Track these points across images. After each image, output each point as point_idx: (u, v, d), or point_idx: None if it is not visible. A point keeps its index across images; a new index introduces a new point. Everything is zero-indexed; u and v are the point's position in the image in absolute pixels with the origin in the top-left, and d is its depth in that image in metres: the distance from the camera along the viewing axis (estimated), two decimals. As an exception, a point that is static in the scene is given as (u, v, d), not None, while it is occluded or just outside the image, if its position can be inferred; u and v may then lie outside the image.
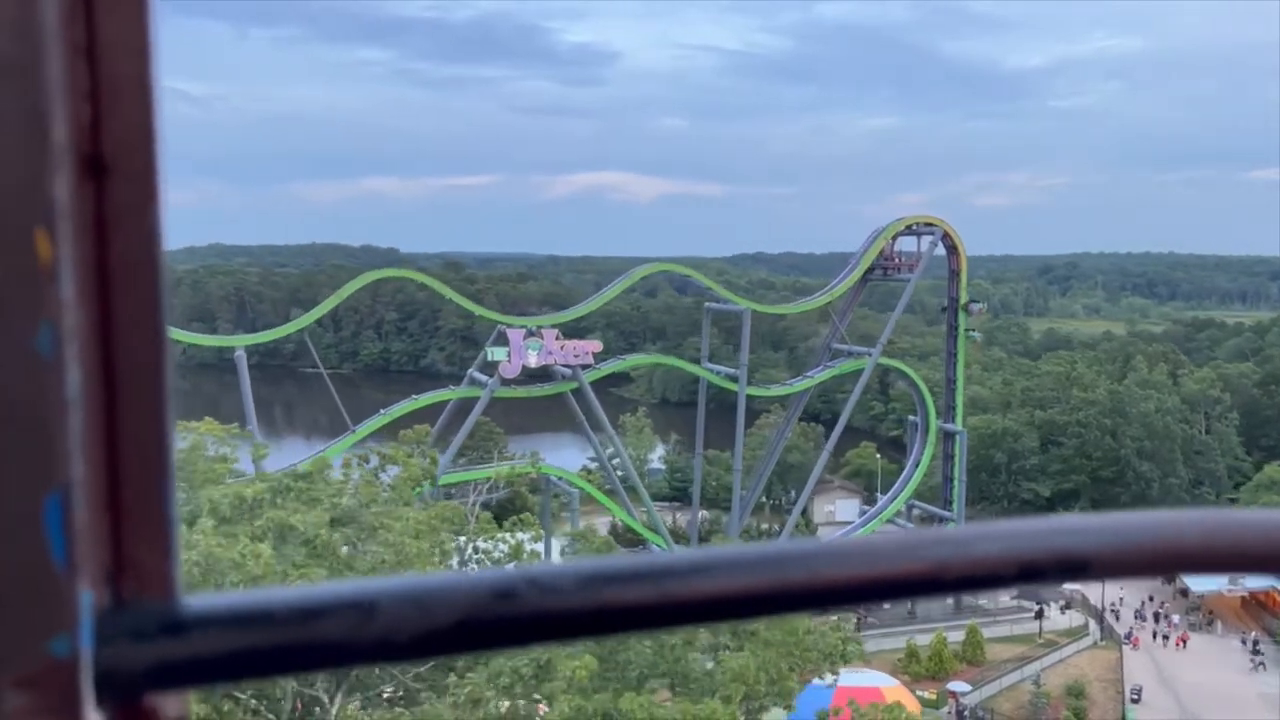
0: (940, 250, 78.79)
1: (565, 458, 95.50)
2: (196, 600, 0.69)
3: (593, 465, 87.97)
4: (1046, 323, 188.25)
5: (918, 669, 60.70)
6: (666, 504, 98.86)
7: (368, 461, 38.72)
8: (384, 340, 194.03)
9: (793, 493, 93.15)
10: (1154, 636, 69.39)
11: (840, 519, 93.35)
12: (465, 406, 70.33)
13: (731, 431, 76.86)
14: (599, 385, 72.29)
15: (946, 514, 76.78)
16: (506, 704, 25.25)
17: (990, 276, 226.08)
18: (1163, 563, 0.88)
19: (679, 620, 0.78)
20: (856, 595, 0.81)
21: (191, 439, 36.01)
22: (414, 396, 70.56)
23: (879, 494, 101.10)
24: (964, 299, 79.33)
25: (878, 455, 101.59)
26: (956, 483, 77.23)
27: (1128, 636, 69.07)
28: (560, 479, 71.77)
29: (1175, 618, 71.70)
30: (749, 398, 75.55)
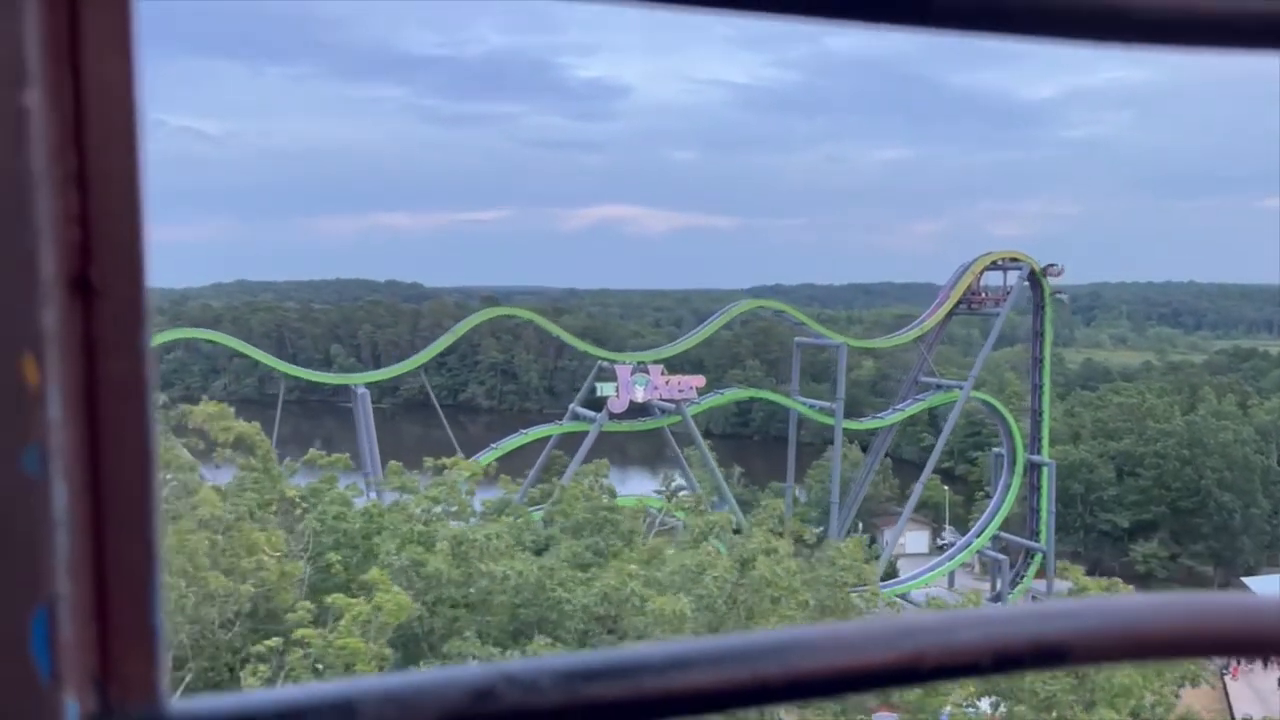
0: (1023, 283, 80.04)
1: (632, 489, 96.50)
2: (180, 704, 0.70)
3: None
4: (1080, 353, 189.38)
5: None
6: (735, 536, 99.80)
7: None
8: (423, 375, 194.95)
9: (860, 525, 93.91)
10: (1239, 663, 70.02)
11: (911, 551, 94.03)
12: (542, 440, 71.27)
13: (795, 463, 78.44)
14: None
15: (1035, 545, 77.58)
16: None
17: (1014, 308, 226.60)
18: (1144, 649, 0.87)
19: (655, 714, 0.78)
20: (832, 687, 0.81)
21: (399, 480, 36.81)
22: (522, 431, 71.49)
23: (947, 525, 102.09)
24: (1049, 334, 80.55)
25: (945, 487, 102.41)
26: (1045, 514, 78.06)
27: (1226, 667, 69.59)
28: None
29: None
30: (810, 428, 76.76)
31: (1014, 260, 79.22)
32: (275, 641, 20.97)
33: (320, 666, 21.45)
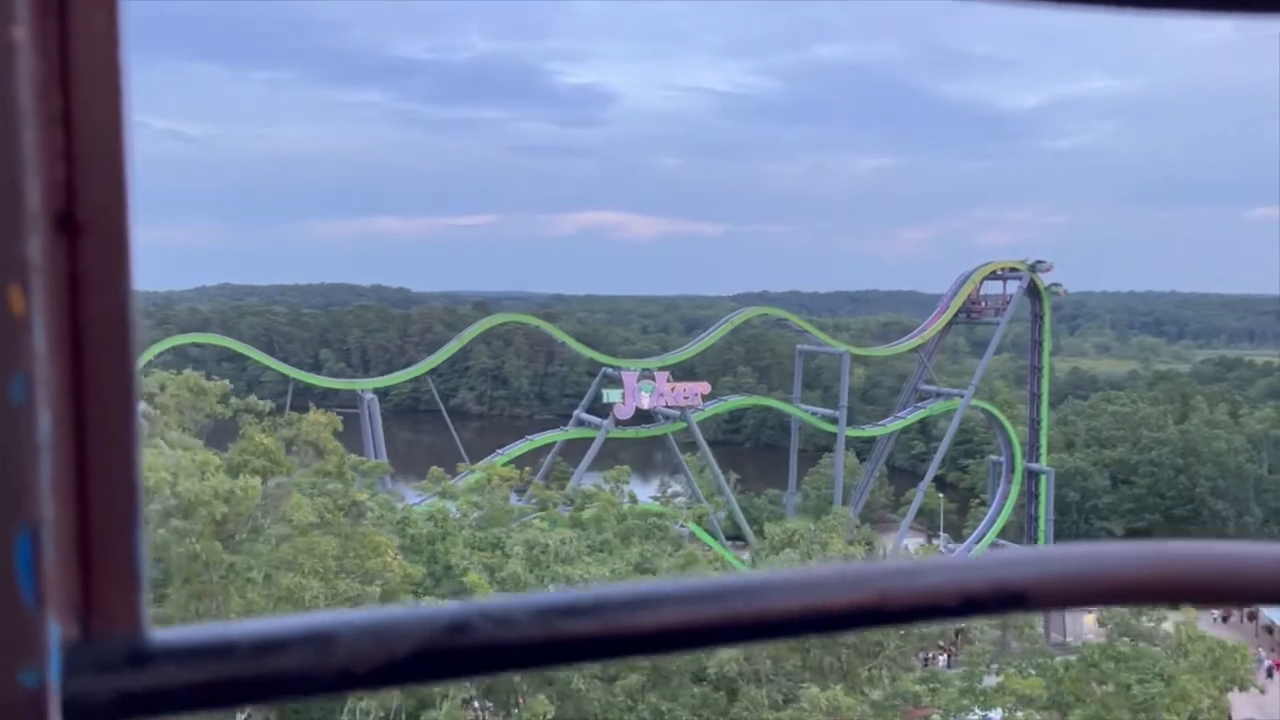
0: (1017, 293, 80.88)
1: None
2: (161, 633, 0.72)
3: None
4: (1066, 362, 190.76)
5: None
6: (731, 543, 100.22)
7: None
8: (430, 381, 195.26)
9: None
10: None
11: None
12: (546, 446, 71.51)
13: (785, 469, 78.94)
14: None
15: (1033, 552, 78.28)
16: None
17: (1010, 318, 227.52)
18: (1101, 595, 0.90)
19: (627, 652, 0.81)
20: (800, 627, 0.83)
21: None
22: (529, 438, 71.83)
23: (942, 533, 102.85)
24: (1048, 343, 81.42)
25: (940, 495, 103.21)
26: (1043, 521, 78.93)
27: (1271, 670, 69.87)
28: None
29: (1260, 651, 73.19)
30: (804, 434, 77.26)
31: (1013, 270, 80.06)
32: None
33: None
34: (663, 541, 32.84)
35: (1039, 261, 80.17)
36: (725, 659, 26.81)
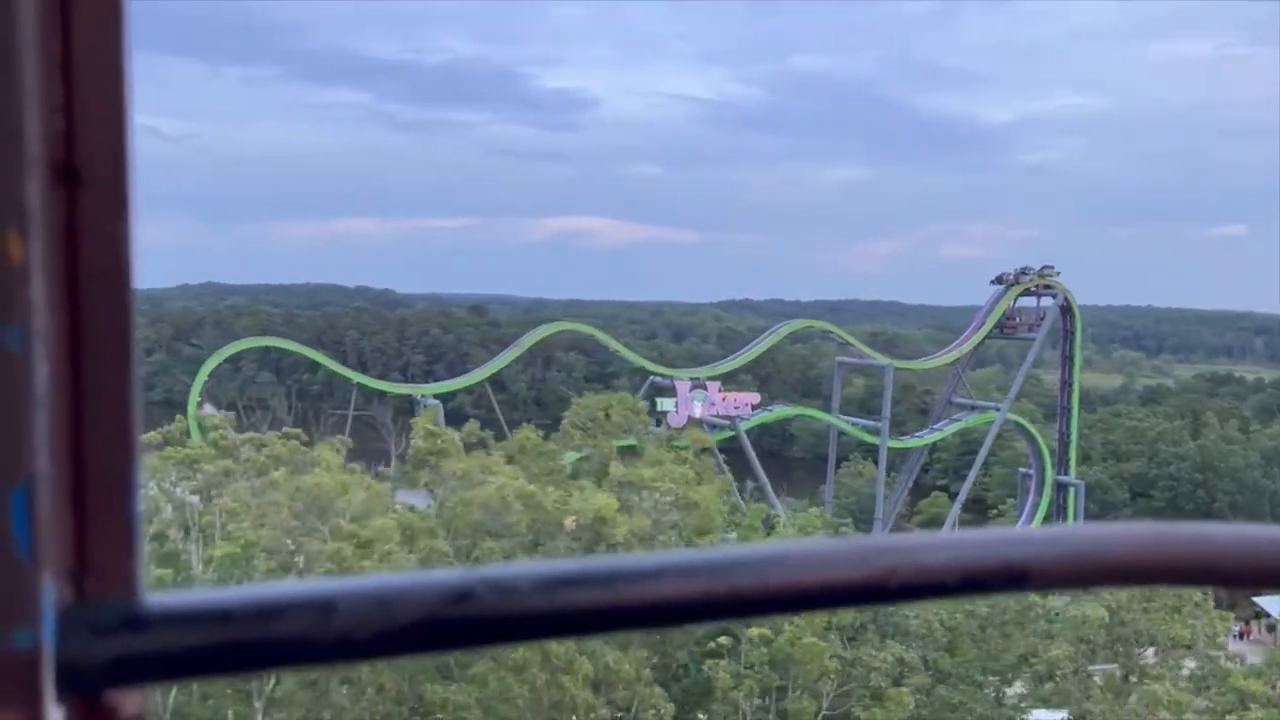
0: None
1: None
2: (158, 598, 0.72)
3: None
4: (1050, 374, 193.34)
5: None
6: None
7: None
8: (411, 382, 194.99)
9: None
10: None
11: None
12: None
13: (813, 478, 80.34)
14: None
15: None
16: None
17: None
18: (1103, 575, 0.92)
19: (631, 624, 0.82)
20: (805, 602, 0.84)
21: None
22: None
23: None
24: (1079, 358, 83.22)
25: (953, 505, 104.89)
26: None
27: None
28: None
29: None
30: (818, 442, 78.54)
31: (1047, 287, 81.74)
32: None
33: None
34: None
35: (1046, 267, 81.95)
36: None
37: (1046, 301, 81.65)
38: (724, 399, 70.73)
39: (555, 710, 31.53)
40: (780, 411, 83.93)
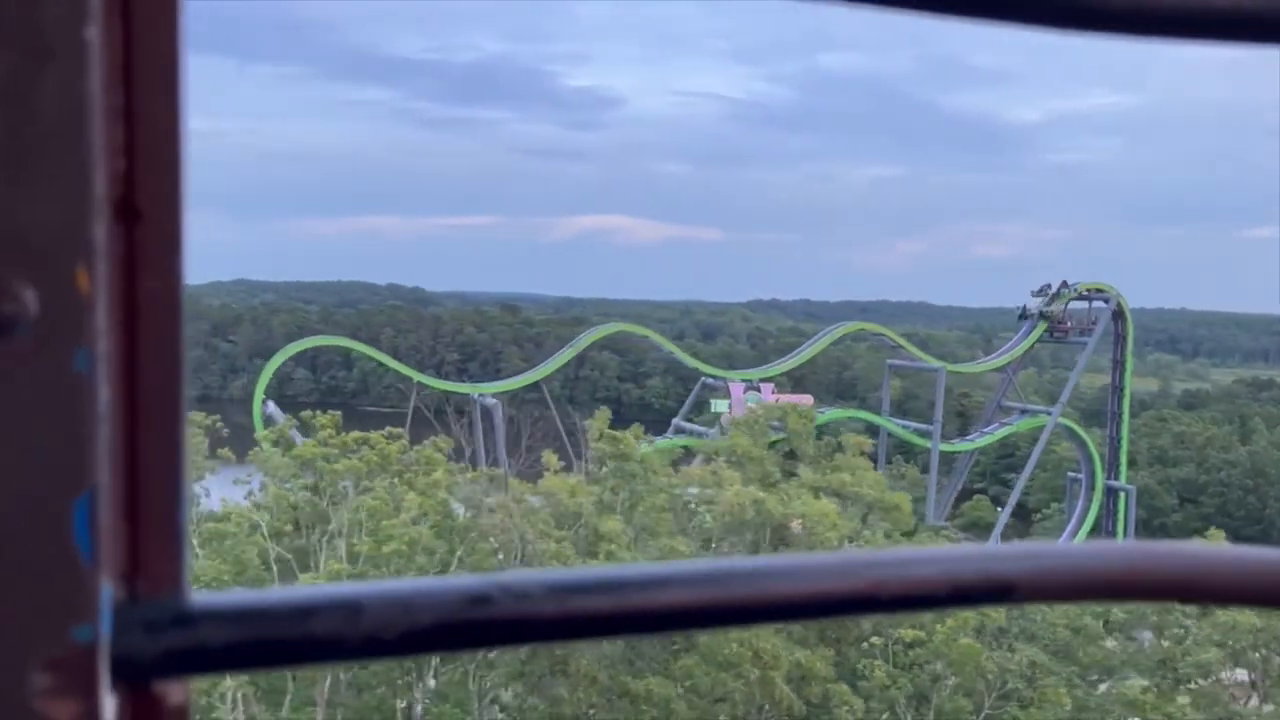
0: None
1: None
2: (201, 597, 0.79)
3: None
4: (1096, 379, 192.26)
5: None
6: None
7: None
8: (445, 380, 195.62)
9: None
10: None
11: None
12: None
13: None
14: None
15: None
16: None
17: (1008, 329, 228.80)
18: (1087, 589, 0.95)
19: (634, 629, 0.87)
20: (799, 612, 0.88)
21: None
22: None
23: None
24: (1130, 363, 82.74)
25: (998, 509, 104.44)
26: (1122, 538, 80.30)
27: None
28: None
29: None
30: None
31: (1099, 291, 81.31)
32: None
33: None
34: None
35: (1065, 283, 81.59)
36: None
37: (1099, 305, 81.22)
38: (777, 400, 70.60)
39: (764, 705, 33.10)
40: (832, 414, 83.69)
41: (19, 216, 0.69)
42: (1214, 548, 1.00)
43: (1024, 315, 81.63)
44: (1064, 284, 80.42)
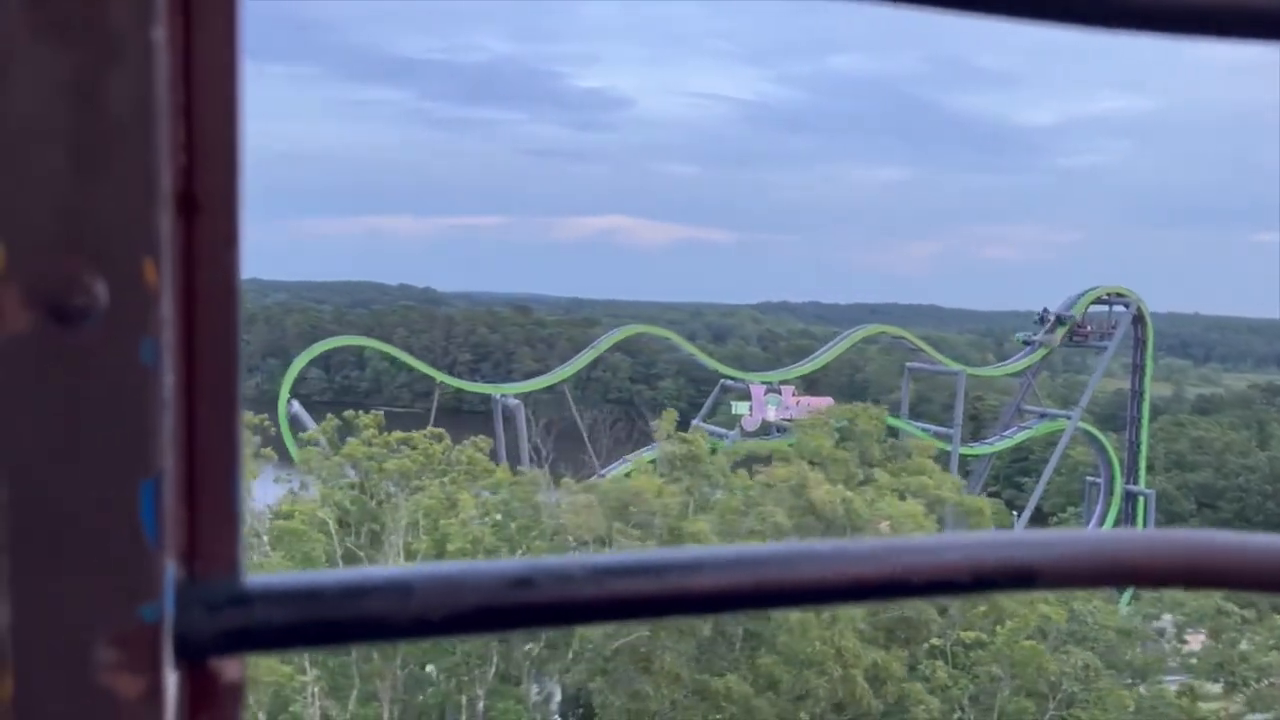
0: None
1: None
2: (257, 578, 0.82)
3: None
4: (1109, 383, 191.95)
5: None
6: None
7: None
8: (458, 380, 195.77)
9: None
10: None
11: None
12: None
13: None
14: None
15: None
16: None
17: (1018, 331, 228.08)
18: (1108, 575, 0.98)
19: (671, 611, 0.90)
20: (833, 596, 0.91)
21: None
22: (640, 452, 72.57)
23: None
24: (1150, 368, 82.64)
25: (1013, 513, 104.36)
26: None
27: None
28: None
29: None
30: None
31: (1119, 295, 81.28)
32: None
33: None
34: None
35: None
36: None
37: (1119, 309, 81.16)
38: (797, 403, 70.59)
39: (844, 703, 34.43)
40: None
41: (90, 211, 0.72)
42: (1234, 535, 1.01)
43: (1043, 320, 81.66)
44: (1055, 316, 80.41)
